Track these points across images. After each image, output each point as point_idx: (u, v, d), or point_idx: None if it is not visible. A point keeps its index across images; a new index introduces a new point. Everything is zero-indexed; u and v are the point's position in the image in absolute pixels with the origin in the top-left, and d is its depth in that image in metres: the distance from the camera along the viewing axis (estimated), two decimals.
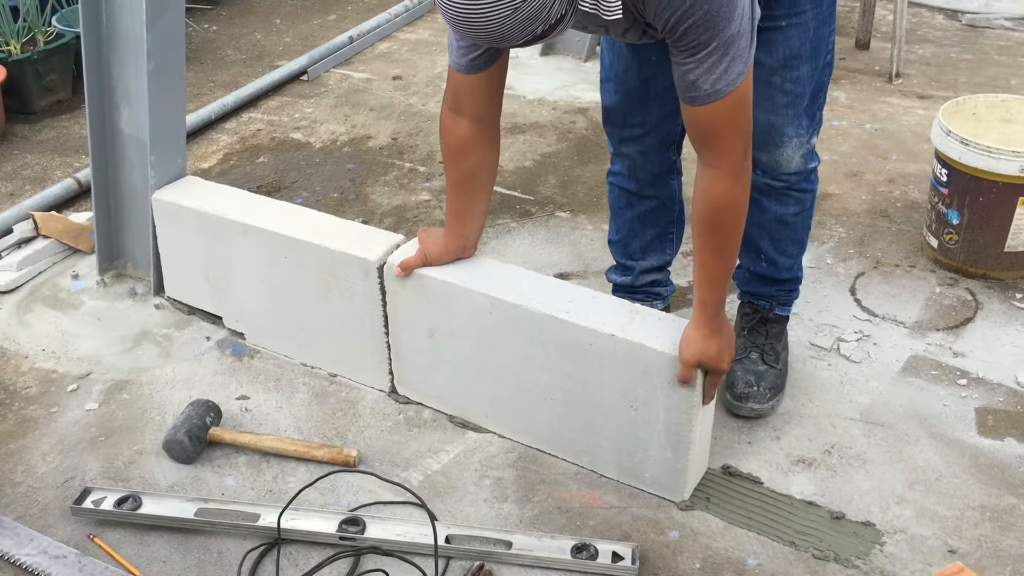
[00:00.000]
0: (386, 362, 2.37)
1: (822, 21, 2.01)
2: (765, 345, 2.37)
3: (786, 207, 2.24)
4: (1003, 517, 2.06)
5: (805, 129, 2.11)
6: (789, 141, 2.11)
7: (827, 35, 2.04)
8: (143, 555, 2.02)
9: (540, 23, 1.49)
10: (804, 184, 2.22)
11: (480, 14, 1.47)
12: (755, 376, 2.31)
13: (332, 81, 4.20)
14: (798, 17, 1.98)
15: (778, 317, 2.42)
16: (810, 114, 2.11)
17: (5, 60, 3.75)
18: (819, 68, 2.06)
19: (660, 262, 2.48)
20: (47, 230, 2.97)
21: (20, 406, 2.43)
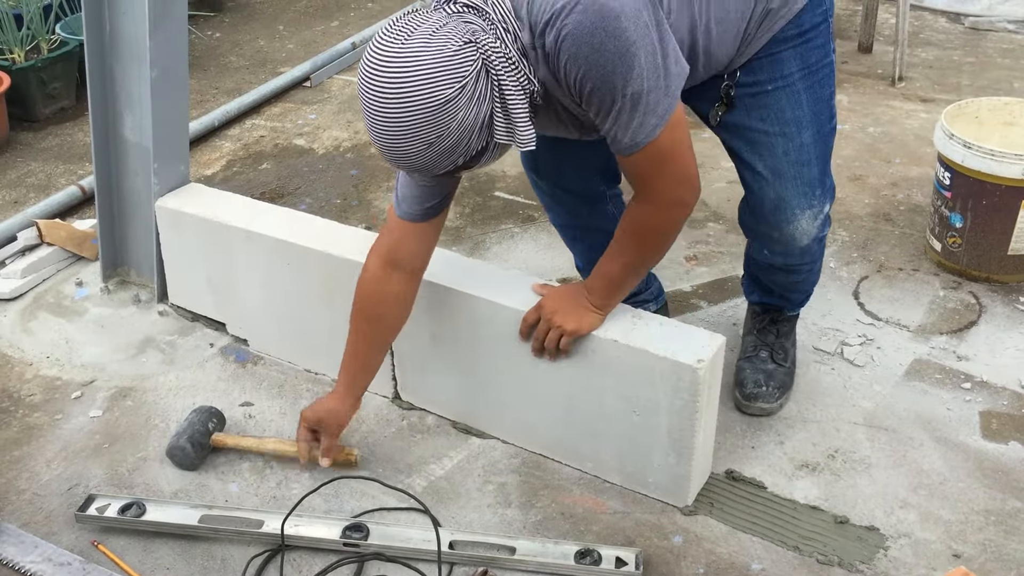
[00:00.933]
0: (389, 368, 2.37)
1: (816, 83, 1.95)
2: (775, 344, 2.37)
3: (796, 276, 2.28)
4: (1007, 521, 2.05)
5: (818, 199, 2.04)
6: (802, 214, 2.04)
7: (827, 98, 1.98)
8: (147, 562, 2.02)
9: (460, 155, 1.59)
10: (815, 254, 2.20)
11: (398, 150, 1.57)
12: (764, 375, 2.32)
13: (335, 87, 4.21)
14: (784, 80, 1.92)
15: (789, 317, 2.43)
16: (822, 183, 2.04)
17: (9, 68, 3.76)
18: (824, 133, 2.00)
19: None
20: (51, 237, 2.98)
21: (24, 413, 2.44)
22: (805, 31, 1.90)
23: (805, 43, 1.90)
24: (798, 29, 1.89)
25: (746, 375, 2.33)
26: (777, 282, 2.33)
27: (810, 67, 1.93)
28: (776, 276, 2.30)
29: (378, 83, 1.53)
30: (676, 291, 2.72)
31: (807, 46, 1.91)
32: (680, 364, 1.93)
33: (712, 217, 3.12)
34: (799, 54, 1.91)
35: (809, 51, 1.91)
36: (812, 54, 1.92)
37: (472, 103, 1.54)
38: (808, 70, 1.93)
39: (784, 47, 1.90)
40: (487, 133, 1.60)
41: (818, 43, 1.92)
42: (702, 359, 1.93)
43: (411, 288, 2.06)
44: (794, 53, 1.90)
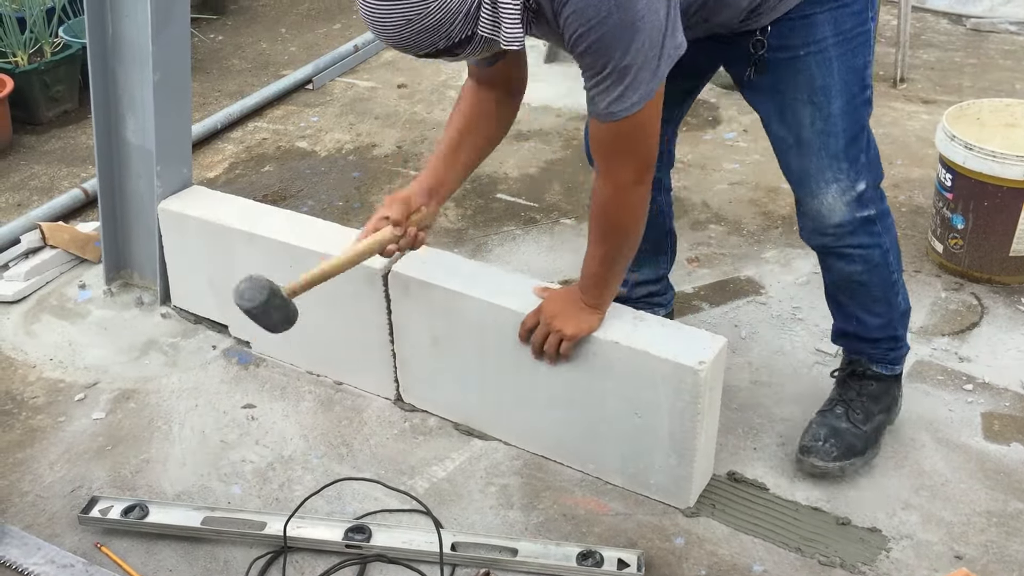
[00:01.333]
0: (391, 370, 2.38)
1: (850, 51, 1.86)
2: (854, 402, 2.18)
3: (852, 265, 2.06)
4: (1009, 522, 2.05)
5: (845, 173, 1.93)
6: (828, 187, 1.94)
7: (860, 67, 1.88)
8: (150, 564, 2.02)
9: (442, 38, 1.58)
10: (862, 239, 2.01)
11: (379, 22, 1.57)
12: (829, 431, 2.14)
13: (337, 90, 4.21)
14: (816, 45, 1.84)
15: (877, 375, 2.20)
16: (850, 156, 1.93)
17: (12, 71, 3.77)
18: (855, 103, 1.90)
19: (655, 275, 2.45)
20: (54, 240, 2.99)
21: (28, 416, 2.44)
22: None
23: (841, 7, 1.83)
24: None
25: (810, 427, 2.18)
26: (842, 286, 2.12)
27: (844, 33, 1.84)
28: (834, 270, 2.10)
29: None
30: (678, 293, 2.71)
31: (843, 11, 1.83)
32: (682, 366, 1.94)
33: (714, 219, 3.12)
34: (833, 19, 1.83)
35: (844, 16, 1.83)
36: (847, 20, 1.84)
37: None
38: (842, 36, 1.84)
39: (818, 9, 1.82)
40: (472, 23, 1.58)
41: (855, 8, 1.84)
42: (703, 361, 1.93)
43: (502, 102, 2.05)
44: (828, 17, 1.83)
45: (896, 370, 2.21)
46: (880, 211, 2.02)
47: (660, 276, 2.47)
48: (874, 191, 2.00)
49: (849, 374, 2.22)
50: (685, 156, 3.49)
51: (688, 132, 3.64)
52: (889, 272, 2.09)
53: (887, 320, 2.14)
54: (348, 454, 2.28)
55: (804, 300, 2.73)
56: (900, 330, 2.18)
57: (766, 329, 2.63)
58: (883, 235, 2.04)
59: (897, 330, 2.17)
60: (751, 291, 2.79)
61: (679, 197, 3.26)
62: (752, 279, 2.84)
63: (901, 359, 2.22)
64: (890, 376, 2.21)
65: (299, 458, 2.28)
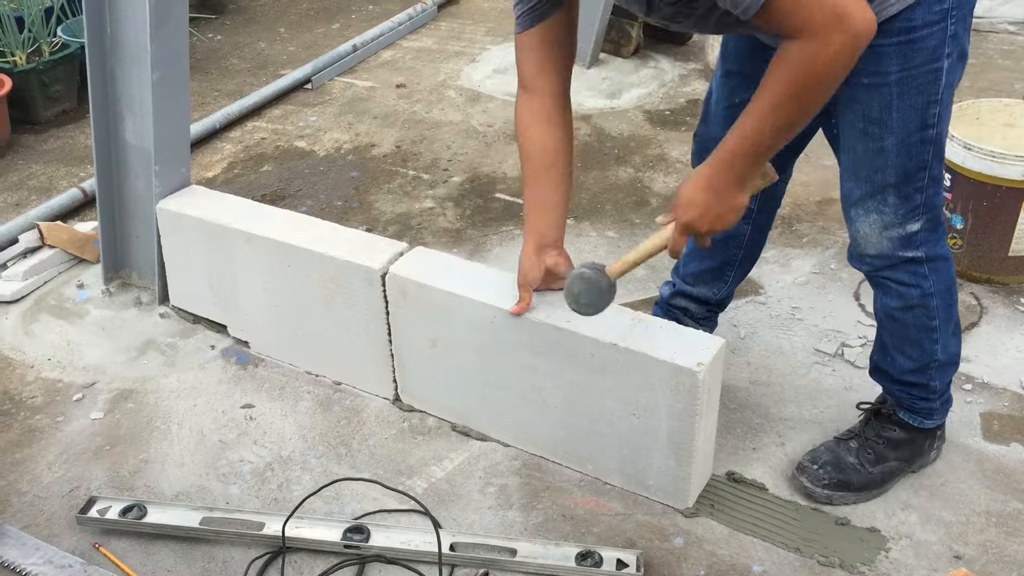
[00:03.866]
0: (390, 370, 2.38)
1: (913, 89, 1.76)
2: (870, 442, 2.12)
3: (889, 298, 1.99)
4: (1009, 522, 2.05)
5: (892, 209, 1.85)
6: (866, 217, 1.88)
7: (922, 106, 1.77)
8: (148, 564, 2.02)
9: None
10: (900, 275, 1.94)
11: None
12: (832, 458, 2.11)
13: (336, 89, 4.21)
14: (879, 77, 1.75)
15: (902, 423, 2.12)
16: (902, 193, 1.84)
17: (10, 71, 3.77)
18: (913, 144, 1.80)
19: (703, 295, 2.37)
20: (52, 240, 2.98)
21: (26, 416, 2.44)
22: (915, 27, 1.72)
23: (911, 43, 1.73)
24: (907, 23, 1.71)
25: (817, 448, 2.16)
26: (881, 316, 2.06)
27: (910, 70, 1.74)
28: (875, 297, 2.05)
29: None
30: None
31: (912, 46, 1.73)
32: (680, 368, 1.93)
33: None
34: (901, 53, 1.74)
35: (913, 52, 1.74)
36: (916, 56, 1.74)
37: None
38: (908, 73, 1.75)
39: (887, 41, 1.71)
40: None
41: (928, 45, 1.73)
42: (701, 362, 1.93)
43: (542, 107, 1.95)
44: (896, 51, 1.74)
45: (927, 424, 2.12)
46: (932, 254, 1.93)
47: (706, 299, 2.38)
48: (929, 233, 1.91)
49: (875, 413, 2.17)
50: (684, 156, 3.49)
51: (687, 131, 3.65)
52: (928, 318, 1.99)
53: (919, 365, 2.05)
54: (347, 454, 2.28)
55: (803, 300, 2.73)
56: (936, 382, 2.07)
57: (765, 329, 2.63)
58: (928, 278, 1.94)
59: (931, 380, 2.07)
60: (750, 291, 2.79)
61: None
62: (751, 279, 2.83)
63: (934, 413, 2.12)
64: (916, 428, 2.12)
65: (297, 458, 2.27)
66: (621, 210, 3.21)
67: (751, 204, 2.14)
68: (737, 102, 2.02)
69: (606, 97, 3.94)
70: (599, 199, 3.28)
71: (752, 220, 2.24)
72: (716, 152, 1.72)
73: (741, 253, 2.30)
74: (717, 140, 2.06)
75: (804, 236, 3.04)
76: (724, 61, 2.09)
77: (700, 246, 1.82)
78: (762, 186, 1.82)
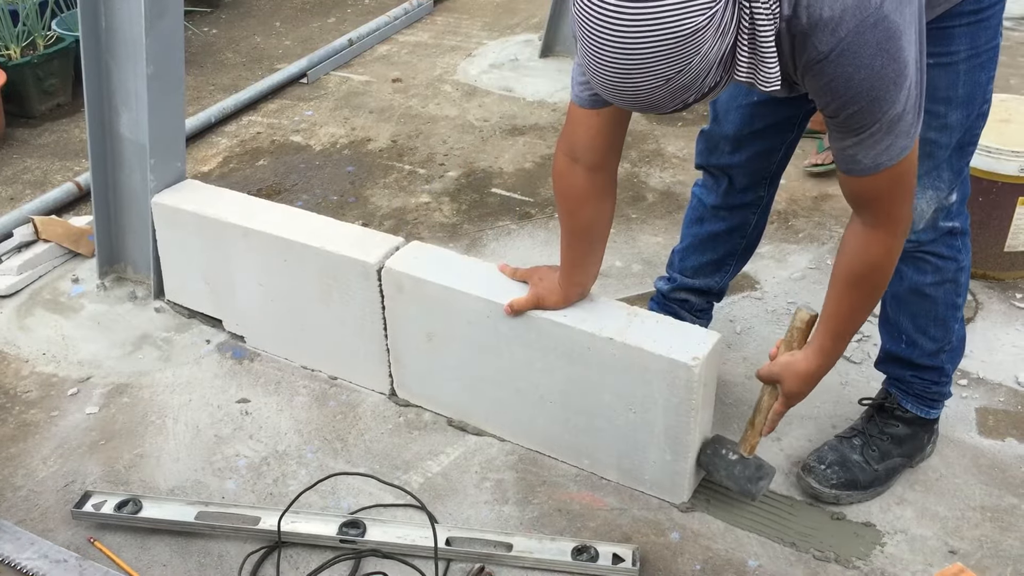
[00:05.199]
0: (386, 365, 2.37)
1: (978, 66, 1.80)
2: (874, 439, 2.13)
3: (923, 274, 2.00)
4: (1004, 517, 2.05)
5: (945, 182, 1.88)
6: (923, 193, 1.89)
7: (984, 82, 1.83)
8: (144, 559, 2.02)
9: (693, 92, 1.39)
10: (940, 248, 1.97)
11: (629, 85, 1.36)
12: (837, 457, 2.11)
13: (331, 84, 4.20)
14: (948, 57, 1.77)
15: (905, 417, 2.14)
16: (954, 167, 1.88)
17: (5, 64, 3.76)
18: (972, 117, 1.85)
19: (704, 286, 2.36)
20: (47, 234, 2.98)
21: (21, 410, 2.43)
22: (983, 8, 1.75)
23: (979, 22, 1.76)
24: (976, 5, 1.75)
25: (822, 447, 2.16)
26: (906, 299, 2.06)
27: (977, 48, 1.78)
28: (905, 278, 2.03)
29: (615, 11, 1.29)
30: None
31: (980, 25, 1.77)
32: (676, 362, 1.93)
33: None
34: (970, 32, 1.76)
35: (980, 30, 1.77)
36: (982, 34, 1.78)
37: (718, 34, 1.33)
38: (975, 50, 1.78)
39: (957, 22, 1.75)
40: (725, 69, 1.41)
41: (992, 23, 1.78)
42: (697, 357, 1.93)
43: (595, 183, 1.93)
44: (966, 31, 1.76)
45: (931, 414, 2.15)
46: (963, 227, 1.97)
47: (708, 289, 2.37)
48: (961, 205, 1.95)
49: (878, 409, 2.18)
50: (681, 151, 3.49)
51: (684, 127, 3.64)
52: (956, 294, 2.03)
53: (938, 347, 2.07)
54: (342, 449, 2.28)
55: (799, 295, 2.73)
56: (948, 365, 2.11)
57: (761, 324, 2.63)
58: (962, 251, 1.99)
59: (945, 364, 2.10)
60: (746, 286, 2.79)
61: (674, 192, 3.26)
62: (747, 274, 2.83)
63: (939, 401, 2.15)
64: (920, 419, 2.14)
65: (293, 453, 2.27)
66: (618, 205, 3.17)
67: (763, 192, 2.19)
68: (755, 100, 2.04)
69: None
70: None
71: (761, 208, 2.25)
72: (816, 348, 1.87)
73: (744, 243, 2.31)
74: (728, 139, 2.10)
75: (800, 231, 3.04)
76: None
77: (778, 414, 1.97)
78: None
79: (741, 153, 2.12)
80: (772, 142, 2.10)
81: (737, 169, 2.16)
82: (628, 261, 2.92)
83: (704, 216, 2.28)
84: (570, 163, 1.92)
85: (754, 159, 2.13)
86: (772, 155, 2.13)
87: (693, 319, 2.32)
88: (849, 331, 1.84)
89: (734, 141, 2.11)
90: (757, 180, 2.17)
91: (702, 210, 2.28)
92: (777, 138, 2.10)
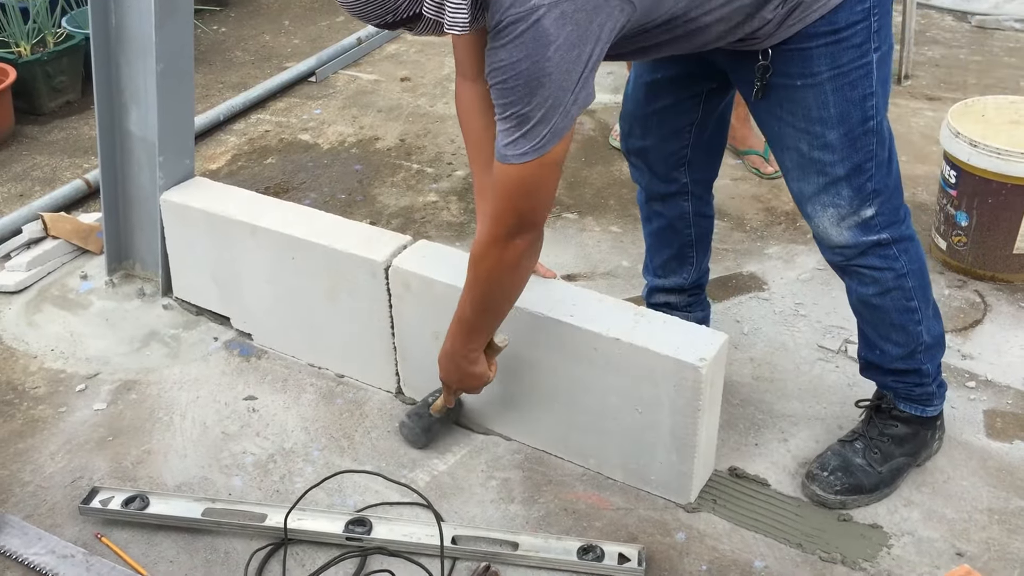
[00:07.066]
0: (392, 363, 2.38)
1: (846, 84, 1.81)
2: (874, 441, 2.12)
3: (864, 286, 2.01)
4: (1011, 520, 2.05)
5: (847, 200, 1.90)
6: (824, 211, 1.92)
7: (858, 99, 1.83)
8: (150, 555, 2.02)
9: (388, 12, 1.59)
10: (871, 260, 1.96)
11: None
12: (840, 462, 2.10)
13: (340, 82, 4.21)
14: (812, 78, 1.81)
15: (903, 416, 2.13)
16: (854, 185, 1.89)
17: (15, 62, 3.77)
18: (857, 136, 1.85)
19: (675, 285, 2.39)
20: (56, 231, 2.98)
21: (29, 406, 2.44)
22: (839, 29, 1.78)
23: (838, 42, 1.79)
24: (831, 27, 1.78)
25: (824, 454, 2.15)
26: (859, 308, 2.07)
27: (841, 67, 1.80)
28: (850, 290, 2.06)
29: None
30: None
31: (840, 45, 1.79)
32: (683, 363, 1.93)
33: (717, 214, 3.10)
34: (829, 53, 1.80)
35: (842, 51, 1.80)
36: (845, 54, 1.80)
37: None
38: (838, 71, 1.81)
39: (814, 43, 1.80)
40: (417, 2, 1.58)
41: (854, 42, 1.80)
42: (704, 358, 1.93)
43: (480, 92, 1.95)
44: (824, 52, 1.80)
45: (928, 412, 2.12)
46: (897, 236, 1.96)
47: (680, 287, 2.40)
48: (889, 216, 1.94)
49: (875, 410, 2.16)
50: None
51: None
52: (906, 299, 2.01)
53: (908, 351, 2.06)
54: (349, 447, 2.28)
55: (807, 296, 2.73)
56: (927, 364, 2.08)
57: (768, 325, 2.63)
58: (898, 259, 1.97)
59: (922, 364, 2.07)
60: (754, 287, 2.78)
61: None
62: (755, 275, 2.83)
63: (932, 399, 2.12)
64: (919, 417, 2.12)
65: (300, 450, 2.28)
66: (625, 205, 3.21)
67: (683, 178, 2.23)
68: (658, 77, 2.09)
69: (611, 92, 3.93)
70: (603, 194, 3.28)
71: (690, 195, 2.27)
72: (448, 330, 1.99)
73: (693, 232, 2.33)
74: (635, 118, 2.18)
75: (808, 232, 3.02)
76: None
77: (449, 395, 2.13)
78: (500, 351, 2.05)
79: (649, 137, 2.17)
80: (676, 123, 2.13)
81: (651, 155, 2.21)
82: (635, 261, 2.92)
83: (648, 214, 2.35)
84: (462, 83, 1.99)
85: (663, 142, 2.17)
86: (680, 137, 2.15)
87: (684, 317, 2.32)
88: (465, 318, 1.94)
89: (641, 121, 2.17)
90: (672, 165, 2.21)
91: (644, 208, 2.35)
92: (681, 118, 2.12)
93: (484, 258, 1.84)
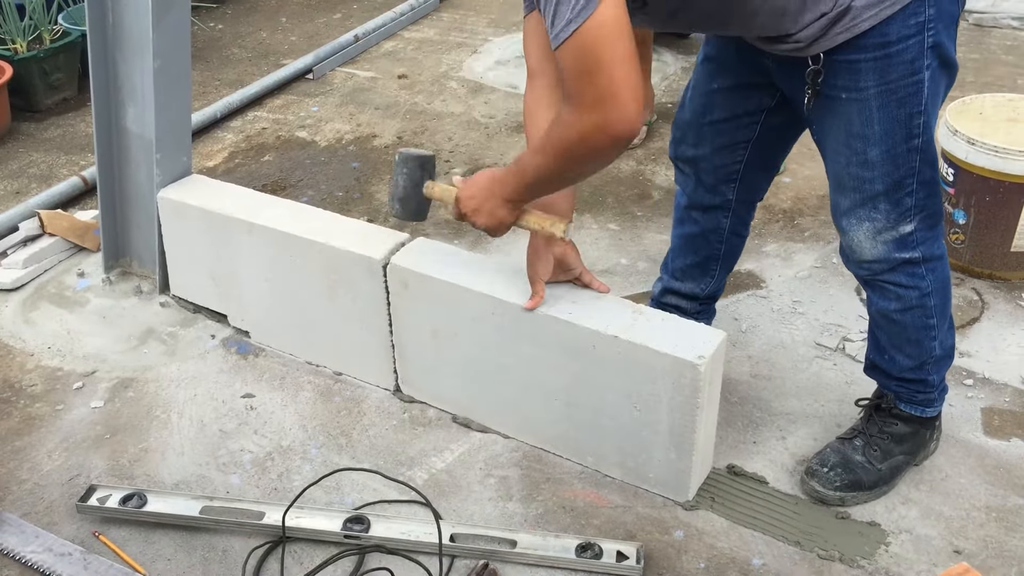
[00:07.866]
0: (390, 361, 2.37)
1: (894, 102, 1.75)
2: (874, 438, 2.12)
3: (887, 301, 1.98)
4: (1009, 517, 2.05)
5: (884, 215, 1.86)
6: (859, 225, 1.89)
7: (904, 118, 1.77)
8: (148, 553, 2.02)
9: None
10: (899, 278, 1.94)
11: None
12: (840, 459, 2.10)
13: (337, 80, 4.20)
14: (858, 93, 1.76)
15: (904, 416, 2.12)
16: (892, 200, 1.84)
17: (11, 58, 3.76)
18: (899, 154, 1.80)
19: (691, 291, 2.36)
20: (53, 228, 2.98)
21: (26, 404, 2.44)
22: (890, 43, 1.71)
23: (887, 56, 1.73)
24: (882, 39, 1.71)
25: (824, 450, 2.15)
26: (877, 319, 2.06)
27: (889, 83, 1.74)
28: (871, 302, 2.04)
29: None
30: None
31: (890, 60, 1.73)
32: (681, 360, 1.93)
33: None
34: (878, 68, 1.74)
35: (892, 66, 1.73)
36: (894, 70, 1.73)
37: None
38: (886, 87, 1.75)
39: (863, 56, 1.74)
40: None
41: (904, 58, 1.72)
42: (703, 355, 1.93)
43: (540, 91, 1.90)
44: (873, 66, 1.74)
45: (927, 413, 2.13)
46: (928, 255, 1.93)
47: (694, 295, 2.37)
48: (925, 233, 1.91)
49: (875, 408, 2.16)
50: None
51: None
52: (926, 317, 2.00)
53: (918, 363, 2.06)
54: (347, 444, 2.28)
55: (805, 294, 2.73)
56: (933, 375, 2.08)
57: (766, 323, 2.63)
58: (925, 278, 1.95)
59: (929, 375, 2.08)
60: (752, 285, 2.78)
61: None
62: (753, 273, 2.83)
63: (933, 403, 2.13)
64: (919, 417, 2.13)
65: (298, 448, 2.27)
66: (623, 203, 3.21)
67: (730, 194, 2.19)
68: (715, 87, 2.06)
69: None
70: (600, 191, 3.28)
71: (731, 212, 2.24)
72: (509, 165, 1.84)
73: (723, 247, 2.30)
74: (690, 126, 2.13)
75: (806, 230, 3.03)
76: (705, 45, 2.11)
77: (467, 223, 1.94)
78: (549, 233, 1.92)
79: (703, 146, 2.13)
80: (732, 137, 2.10)
81: (702, 165, 2.17)
82: (634, 259, 2.92)
83: (683, 218, 2.30)
84: (527, 78, 1.93)
85: (716, 154, 2.13)
86: (734, 152, 2.12)
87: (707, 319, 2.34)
88: (524, 165, 1.79)
89: (695, 130, 2.13)
90: (721, 179, 2.17)
91: (680, 211, 2.30)
92: (737, 134, 2.09)
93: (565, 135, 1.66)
